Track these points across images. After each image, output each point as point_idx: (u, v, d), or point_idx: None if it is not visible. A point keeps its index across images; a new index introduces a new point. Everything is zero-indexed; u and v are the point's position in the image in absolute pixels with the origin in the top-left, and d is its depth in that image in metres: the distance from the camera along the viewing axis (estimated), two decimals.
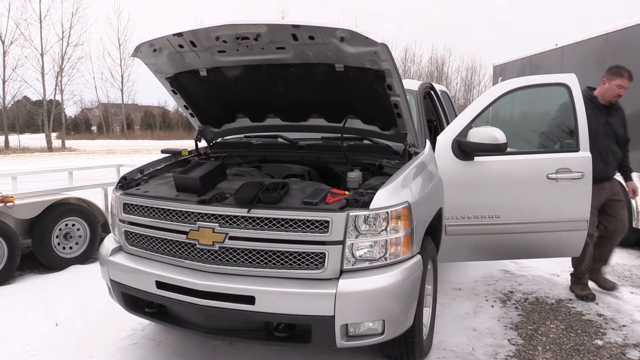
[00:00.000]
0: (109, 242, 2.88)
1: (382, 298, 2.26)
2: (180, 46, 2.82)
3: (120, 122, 44.66)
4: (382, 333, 2.32)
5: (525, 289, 4.28)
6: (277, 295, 2.23)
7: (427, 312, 2.91)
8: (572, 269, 4.17)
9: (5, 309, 3.67)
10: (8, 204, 4.30)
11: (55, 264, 4.68)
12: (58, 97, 31.42)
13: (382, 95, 2.76)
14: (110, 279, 2.72)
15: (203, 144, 3.60)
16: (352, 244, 2.25)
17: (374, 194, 2.33)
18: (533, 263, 4.90)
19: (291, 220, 2.27)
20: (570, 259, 4.18)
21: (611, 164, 3.93)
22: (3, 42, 27.12)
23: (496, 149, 3.20)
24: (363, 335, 2.32)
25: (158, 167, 3.29)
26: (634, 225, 5.71)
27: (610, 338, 3.29)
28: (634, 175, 4.19)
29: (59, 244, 4.76)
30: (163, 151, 3.64)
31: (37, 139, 31.00)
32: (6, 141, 27.54)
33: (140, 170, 3.17)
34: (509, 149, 3.28)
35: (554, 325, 3.50)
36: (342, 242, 2.24)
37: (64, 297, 3.91)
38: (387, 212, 2.28)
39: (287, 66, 2.82)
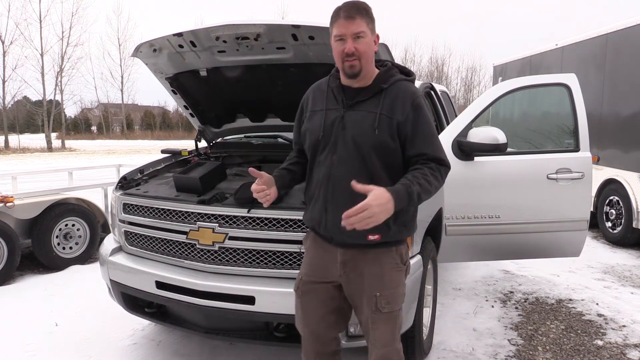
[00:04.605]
0: (109, 242, 2.88)
1: None
2: (180, 46, 2.82)
3: (120, 122, 44.56)
4: None
5: (525, 289, 4.28)
6: (277, 295, 2.23)
7: (427, 312, 2.91)
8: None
9: (5, 309, 3.66)
10: (8, 204, 4.30)
11: (55, 264, 4.68)
12: (58, 97, 31.39)
13: None
14: (110, 279, 2.72)
15: (203, 144, 3.60)
16: None
17: None
18: (533, 263, 4.89)
19: (291, 220, 2.27)
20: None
21: (332, 208, 1.76)
22: (3, 42, 27.10)
23: (496, 149, 3.19)
24: (363, 335, 2.31)
25: (158, 167, 3.29)
26: (634, 226, 5.71)
27: (611, 338, 3.29)
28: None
29: (58, 244, 4.76)
30: (163, 151, 3.64)
31: (37, 139, 30.96)
32: (6, 141, 27.51)
33: (140, 170, 3.17)
34: (509, 149, 3.28)
35: (554, 325, 3.50)
36: None
37: (64, 297, 3.91)
38: None
39: (287, 66, 2.82)
